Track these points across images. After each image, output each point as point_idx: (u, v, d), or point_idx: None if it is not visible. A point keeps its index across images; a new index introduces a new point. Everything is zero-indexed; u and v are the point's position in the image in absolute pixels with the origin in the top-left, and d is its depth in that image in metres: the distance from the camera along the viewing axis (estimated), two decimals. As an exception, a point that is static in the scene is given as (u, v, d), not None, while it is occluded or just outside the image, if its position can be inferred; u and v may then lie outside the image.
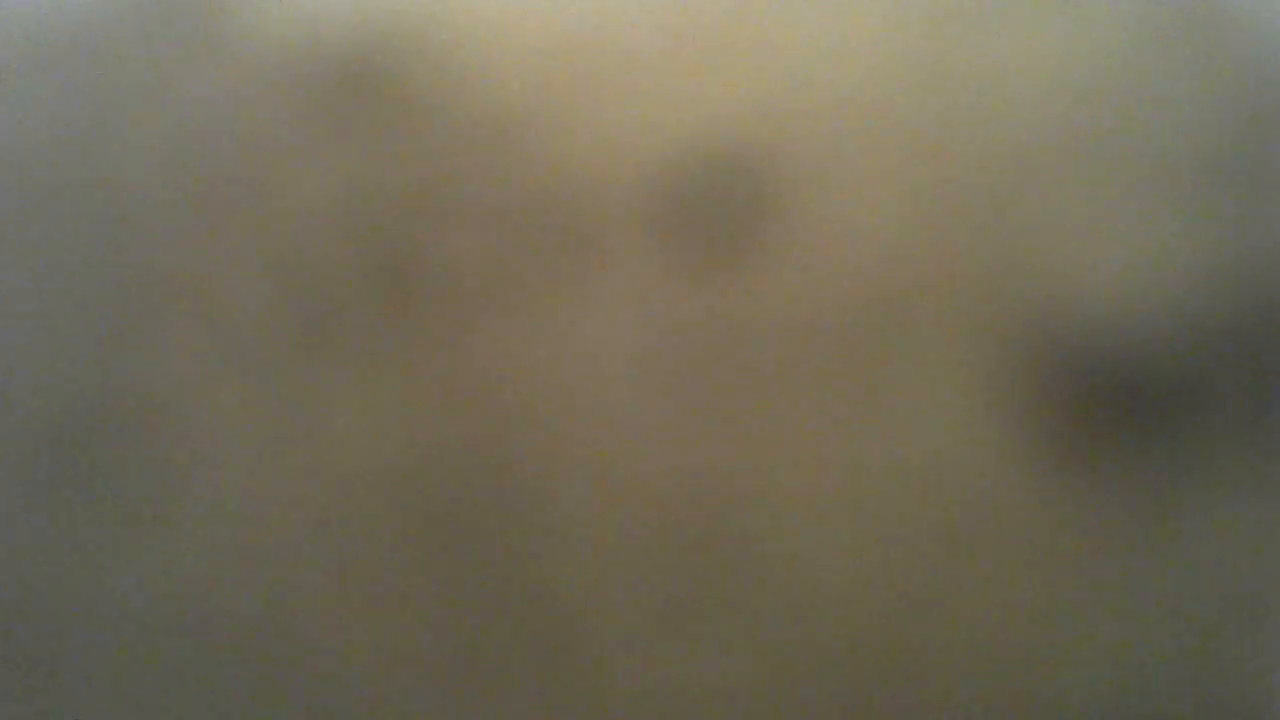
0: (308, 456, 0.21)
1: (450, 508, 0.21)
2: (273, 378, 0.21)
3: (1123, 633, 0.22)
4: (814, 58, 0.21)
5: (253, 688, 0.21)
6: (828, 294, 0.21)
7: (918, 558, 0.21)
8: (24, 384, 0.22)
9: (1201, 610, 0.22)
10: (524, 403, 0.21)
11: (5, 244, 0.22)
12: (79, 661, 0.22)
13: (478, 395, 0.21)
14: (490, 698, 0.21)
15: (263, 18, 0.22)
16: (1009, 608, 0.21)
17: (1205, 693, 0.22)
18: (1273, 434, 0.22)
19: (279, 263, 0.21)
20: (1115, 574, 0.21)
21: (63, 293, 0.22)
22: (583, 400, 0.21)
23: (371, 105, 0.21)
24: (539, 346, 0.21)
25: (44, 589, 0.22)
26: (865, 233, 0.21)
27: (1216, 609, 0.22)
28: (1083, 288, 0.21)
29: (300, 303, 0.21)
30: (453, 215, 0.21)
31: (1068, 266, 0.21)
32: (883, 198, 0.21)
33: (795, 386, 0.21)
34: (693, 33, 0.21)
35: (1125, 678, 0.22)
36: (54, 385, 0.22)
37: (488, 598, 0.21)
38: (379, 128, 0.21)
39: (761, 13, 0.22)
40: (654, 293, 0.21)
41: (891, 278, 0.21)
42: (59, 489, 0.22)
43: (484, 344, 0.21)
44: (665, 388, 0.21)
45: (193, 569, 0.21)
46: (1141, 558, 0.22)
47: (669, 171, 0.21)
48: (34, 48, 0.22)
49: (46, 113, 0.22)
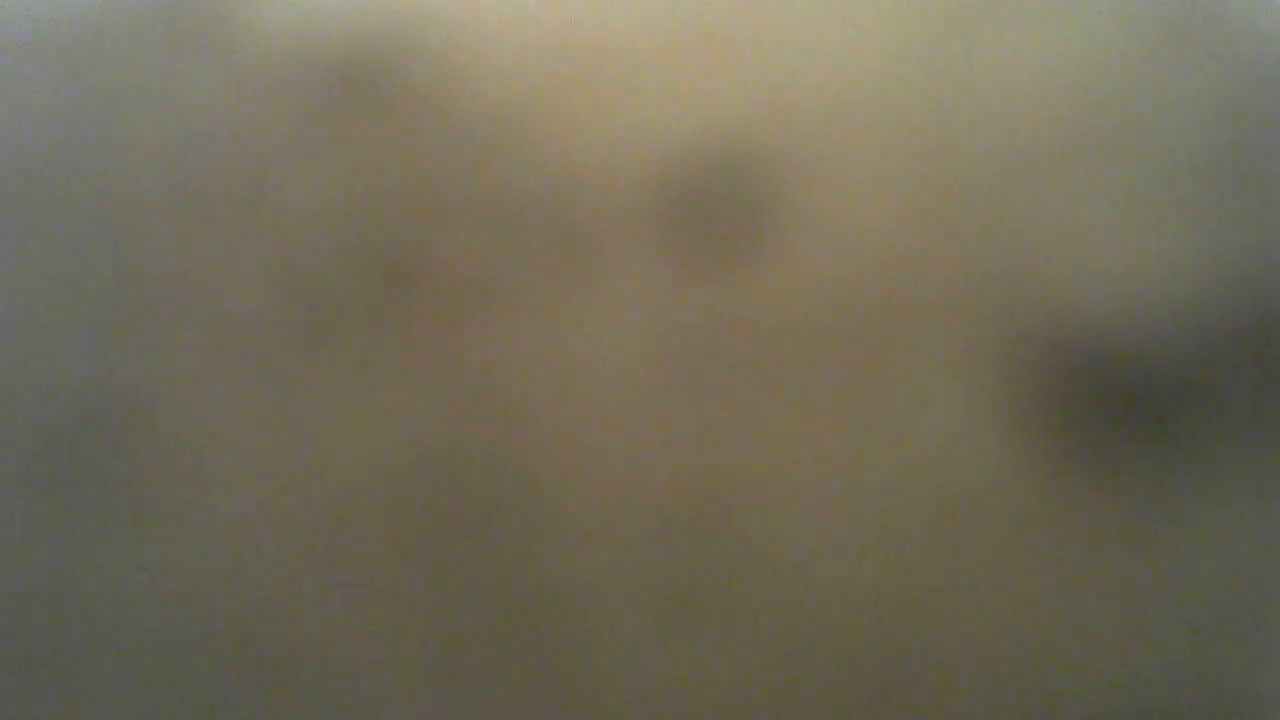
0: (307, 456, 0.21)
1: (450, 507, 0.21)
2: (272, 377, 0.21)
3: (1123, 632, 0.22)
4: (814, 58, 0.21)
5: (252, 687, 0.21)
6: (828, 294, 0.21)
7: (918, 557, 0.21)
8: (24, 384, 0.22)
9: (1202, 610, 0.22)
10: (523, 402, 0.21)
11: (5, 244, 0.22)
12: (79, 661, 0.22)
13: (477, 394, 0.21)
14: (491, 697, 0.21)
15: (263, 18, 0.22)
16: (1009, 607, 0.21)
17: (1205, 692, 0.22)
18: (1273, 434, 0.22)
19: (279, 263, 0.21)
20: (1115, 574, 0.21)
21: (63, 293, 0.22)
22: (583, 400, 0.21)
23: (371, 105, 0.21)
24: (538, 346, 0.21)
25: (44, 589, 0.22)
26: (865, 233, 0.21)
27: (1217, 609, 0.22)
28: (1083, 287, 0.21)
29: (300, 303, 0.21)
30: (453, 215, 0.21)
31: (1068, 266, 0.21)
32: (883, 198, 0.21)
33: (795, 386, 0.21)
34: (693, 33, 0.21)
35: (1125, 677, 0.22)
36: (54, 385, 0.22)
37: (487, 597, 0.21)
38: (379, 128, 0.21)
39: (762, 13, 0.22)
40: (654, 292, 0.21)
41: (892, 278, 0.21)
42: (59, 489, 0.22)
43: (484, 343, 0.21)
44: (666, 387, 0.21)
45: (193, 569, 0.21)
46: (1141, 558, 0.22)
47: (669, 171, 0.21)
48: (34, 48, 0.22)
49: (46, 113, 0.22)
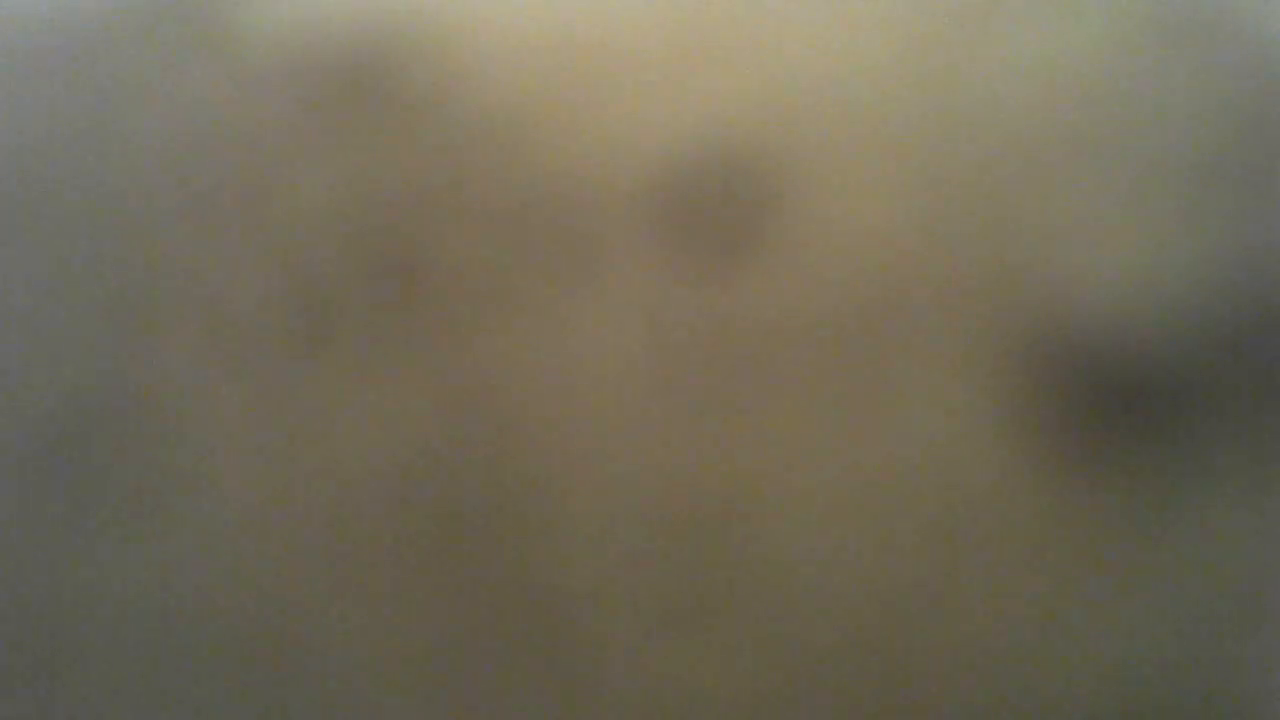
0: (308, 456, 0.21)
1: (451, 507, 0.21)
2: (273, 377, 0.21)
3: (1123, 632, 0.22)
4: (814, 58, 0.21)
5: (253, 687, 0.21)
6: (828, 294, 0.21)
7: (918, 557, 0.21)
8: (24, 384, 0.22)
9: (1202, 610, 0.22)
10: (524, 402, 0.21)
11: (5, 244, 0.22)
12: (79, 661, 0.22)
13: (478, 394, 0.21)
14: (491, 697, 0.21)
15: (263, 18, 0.22)
16: (1009, 607, 0.21)
17: (1205, 692, 0.22)
18: (1273, 434, 0.22)
19: (279, 263, 0.21)
20: (1115, 574, 0.21)
21: (62, 293, 0.22)
22: (584, 400, 0.21)
23: (371, 105, 0.21)
24: (539, 346, 0.21)
25: (43, 589, 0.22)
26: (866, 233, 0.21)
27: (1217, 608, 0.22)
28: (1084, 287, 0.21)
29: (300, 303, 0.21)
30: (453, 215, 0.21)
31: (1069, 266, 0.21)
32: (883, 198, 0.21)
33: (796, 386, 0.21)
34: (693, 32, 0.21)
35: (1125, 677, 0.22)
36: (54, 385, 0.22)
37: (488, 597, 0.21)
38: (379, 128, 0.21)
39: (762, 12, 0.22)
40: (655, 292, 0.21)
41: (892, 278, 0.21)
42: (59, 489, 0.22)
43: (485, 343, 0.21)
44: (667, 387, 0.21)
45: (193, 568, 0.21)
46: (1141, 557, 0.22)
47: (670, 171, 0.21)
48: (34, 48, 0.22)
49: (46, 113, 0.22)
